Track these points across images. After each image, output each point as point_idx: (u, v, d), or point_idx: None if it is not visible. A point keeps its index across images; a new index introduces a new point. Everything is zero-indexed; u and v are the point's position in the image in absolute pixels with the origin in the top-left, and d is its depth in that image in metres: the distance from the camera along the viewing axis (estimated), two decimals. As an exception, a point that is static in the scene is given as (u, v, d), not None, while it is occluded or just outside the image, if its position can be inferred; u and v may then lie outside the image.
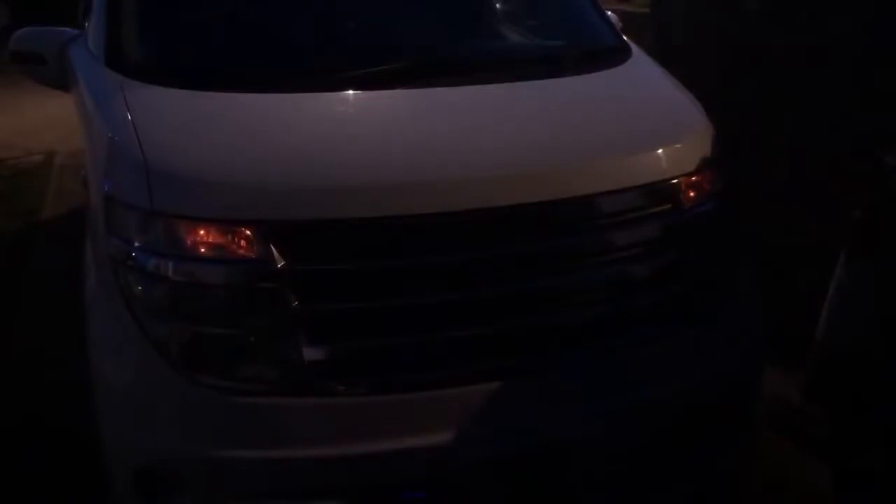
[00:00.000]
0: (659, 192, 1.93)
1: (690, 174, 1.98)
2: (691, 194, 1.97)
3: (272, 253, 1.64)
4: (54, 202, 5.64)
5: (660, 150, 1.98)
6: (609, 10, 2.83)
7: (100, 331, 1.78)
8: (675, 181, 1.95)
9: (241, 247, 1.65)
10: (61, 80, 2.57)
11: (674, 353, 1.88)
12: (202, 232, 1.65)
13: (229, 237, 1.65)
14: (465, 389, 1.69)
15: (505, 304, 1.73)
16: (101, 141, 1.88)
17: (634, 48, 2.50)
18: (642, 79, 2.39)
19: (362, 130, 1.89)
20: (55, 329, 3.37)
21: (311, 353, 1.64)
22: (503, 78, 2.17)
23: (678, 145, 2.02)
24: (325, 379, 1.65)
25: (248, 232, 1.64)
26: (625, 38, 2.58)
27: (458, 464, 1.68)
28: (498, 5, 2.81)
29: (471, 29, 2.63)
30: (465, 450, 1.67)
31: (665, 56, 2.74)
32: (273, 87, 1.96)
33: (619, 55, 2.43)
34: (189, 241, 1.66)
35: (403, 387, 1.68)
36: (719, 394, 1.94)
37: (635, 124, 2.09)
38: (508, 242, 1.76)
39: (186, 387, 1.64)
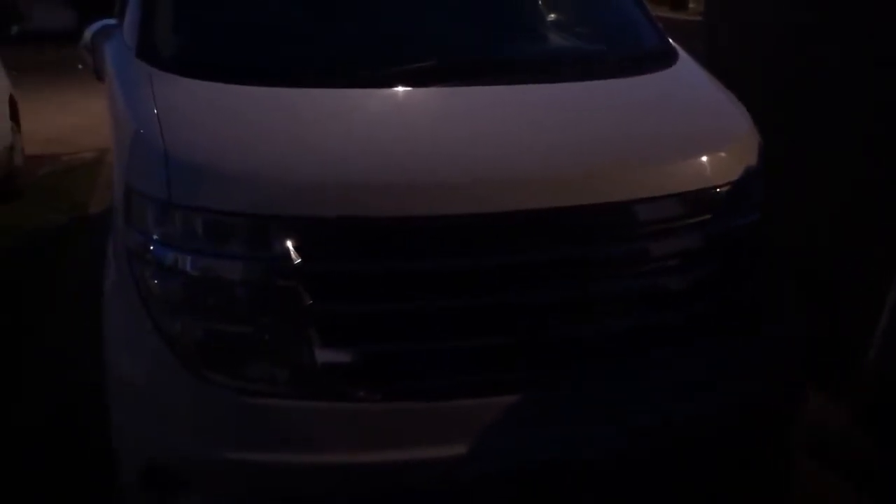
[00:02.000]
0: (700, 200, 1.83)
1: (733, 183, 1.87)
2: (733, 204, 1.87)
3: (290, 250, 1.59)
4: (101, 198, 5.72)
5: (703, 157, 1.88)
6: (660, 16, 2.73)
7: (114, 324, 1.76)
8: (717, 190, 1.85)
9: (258, 242, 1.60)
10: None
11: (709, 371, 1.78)
12: (219, 225, 1.62)
13: (247, 232, 1.61)
14: (484, 401, 1.61)
15: (533, 313, 1.65)
16: (125, 130, 1.86)
17: (681, 52, 2.40)
18: (688, 83, 2.29)
19: (393, 128, 1.84)
20: (83, 329, 3.38)
21: (324, 356, 1.59)
22: (544, 79, 2.09)
23: (722, 153, 1.92)
24: (337, 383, 1.59)
25: (266, 227, 1.59)
26: (671, 41, 2.48)
27: (472, 476, 1.60)
28: (542, 6, 2.73)
29: (513, 29, 2.56)
30: (481, 462, 1.59)
31: (714, 63, 2.63)
32: (302, 83, 1.92)
33: (664, 59, 2.33)
34: (205, 235, 1.62)
35: (419, 395, 1.61)
36: (755, 417, 1.82)
37: (679, 129, 2.00)
38: (542, 248, 1.68)
39: (197, 385, 1.60)
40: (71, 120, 8.20)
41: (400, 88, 1.94)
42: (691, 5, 9.70)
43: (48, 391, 3.01)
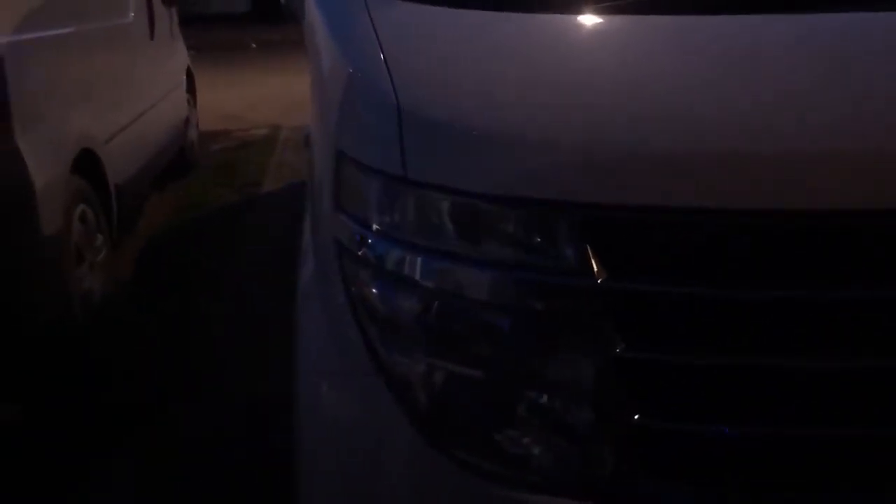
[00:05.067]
0: None
1: None
2: None
3: (590, 259, 0.99)
4: (275, 176, 5.46)
5: None
6: None
7: (310, 344, 1.23)
8: None
9: (539, 245, 1.01)
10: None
11: None
12: (478, 217, 1.03)
13: (522, 229, 1.02)
14: None
15: None
16: (334, 77, 1.31)
17: None
18: None
19: (758, 70, 1.13)
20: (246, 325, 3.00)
21: (643, 435, 0.98)
22: None
23: None
24: (660, 480, 0.99)
25: (554, 222, 1.00)
26: None
27: None
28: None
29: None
30: None
31: None
32: (592, 5, 1.30)
33: None
34: (457, 230, 1.05)
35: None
36: None
37: None
38: None
39: (431, 460, 1.03)
40: (244, 96, 8.17)
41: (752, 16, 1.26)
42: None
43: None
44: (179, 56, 5.42)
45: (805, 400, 0.99)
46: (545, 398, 1.03)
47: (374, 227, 1.11)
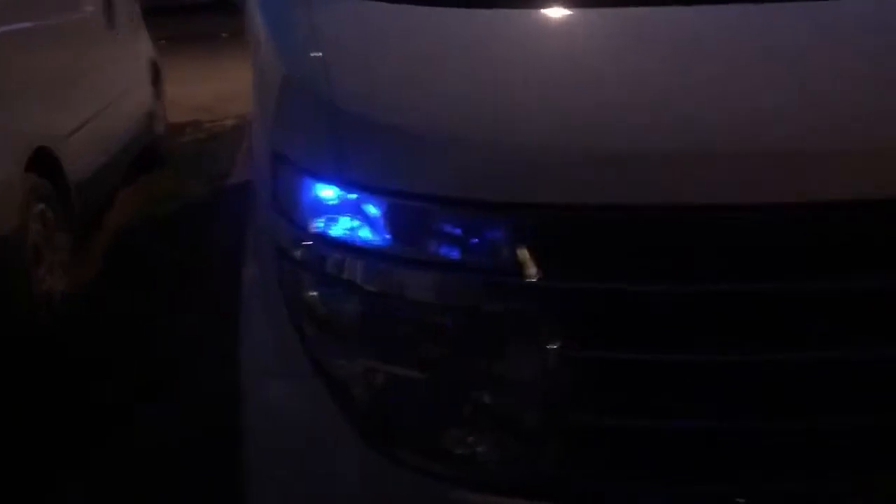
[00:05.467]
0: None
1: None
2: None
3: (528, 259, 0.97)
4: (244, 167, 5.41)
5: None
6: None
7: (253, 346, 1.21)
8: None
9: (477, 246, 1.00)
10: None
11: None
12: (416, 218, 1.02)
13: (460, 230, 1.00)
14: None
15: None
16: (271, 74, 1.29)
17: None
18: None
19: (704, 61, 1.14)
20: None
21: (588, 433, 0.98)
22: None
23: None
24: (605, 478, 0.98)
25: (491, 223, 0.99)
26: None
27: None
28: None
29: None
30: None
31: None
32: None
33: None
34: (394, 230, 1.03)
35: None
36: None
37: None
38: None
39: (373, 461, 1.02)
40: (214, 88, 8.07)
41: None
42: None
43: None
44: (142, 48, 5.33)
45: (748, 393, 0.98)
46: (488, 397, 1.02)
47: (312, 229, 1.08)
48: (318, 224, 1.08)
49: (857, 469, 0.99)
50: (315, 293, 1.08)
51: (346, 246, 1.05)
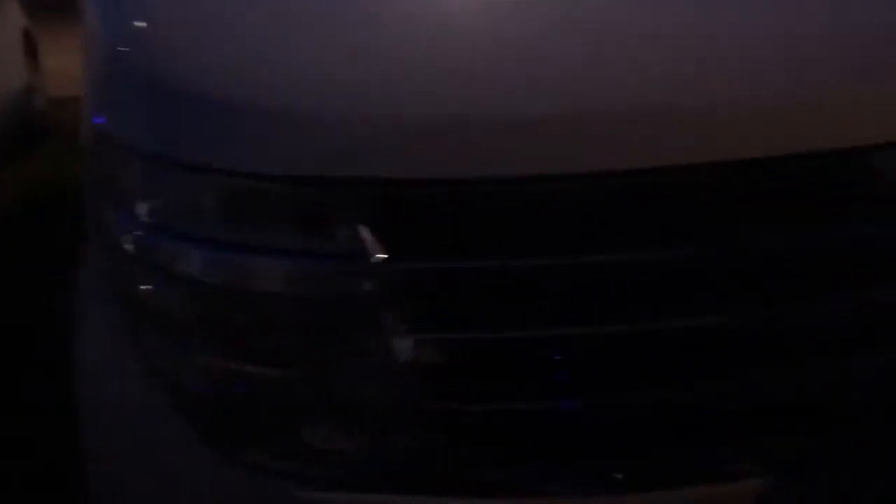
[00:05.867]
0: None
1: None
2: None
3: (369, 239, 0.91)
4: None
5: None
6: None
7: (87, 343, 1.11)
8: None
9: (316, 228, 0.93)
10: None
11: None
12: (246, 197, 0.94)
13: (297, 210, 0.93)
14: (708, 490, 0.94)
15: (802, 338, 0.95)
16: (92, 42, 1.17)
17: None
18: None
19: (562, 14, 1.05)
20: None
21: (430, 420, 0.93)
22: None
23: None
24: (454, 467, 0.93)
25: (330, 201, 0.92)
26: None
27: None
28: None
29: None
30: None
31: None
32: None
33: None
34: (228, 214, 0.95)
35: (597, 487, 0.93)
36: None
37: None
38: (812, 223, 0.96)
39: (214, 465, 0.95)
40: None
41: None
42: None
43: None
44: (11, 16, 4.99)
45: (620, 366, 0.95)
46: (340, 389, 0.96)
47: (138, 214, 0.99)
48: (147, 210, 0.99)
49: (740, 436, 0.98)
50: (146, 286, 0.99)
51: (176, 233, 0.96)
